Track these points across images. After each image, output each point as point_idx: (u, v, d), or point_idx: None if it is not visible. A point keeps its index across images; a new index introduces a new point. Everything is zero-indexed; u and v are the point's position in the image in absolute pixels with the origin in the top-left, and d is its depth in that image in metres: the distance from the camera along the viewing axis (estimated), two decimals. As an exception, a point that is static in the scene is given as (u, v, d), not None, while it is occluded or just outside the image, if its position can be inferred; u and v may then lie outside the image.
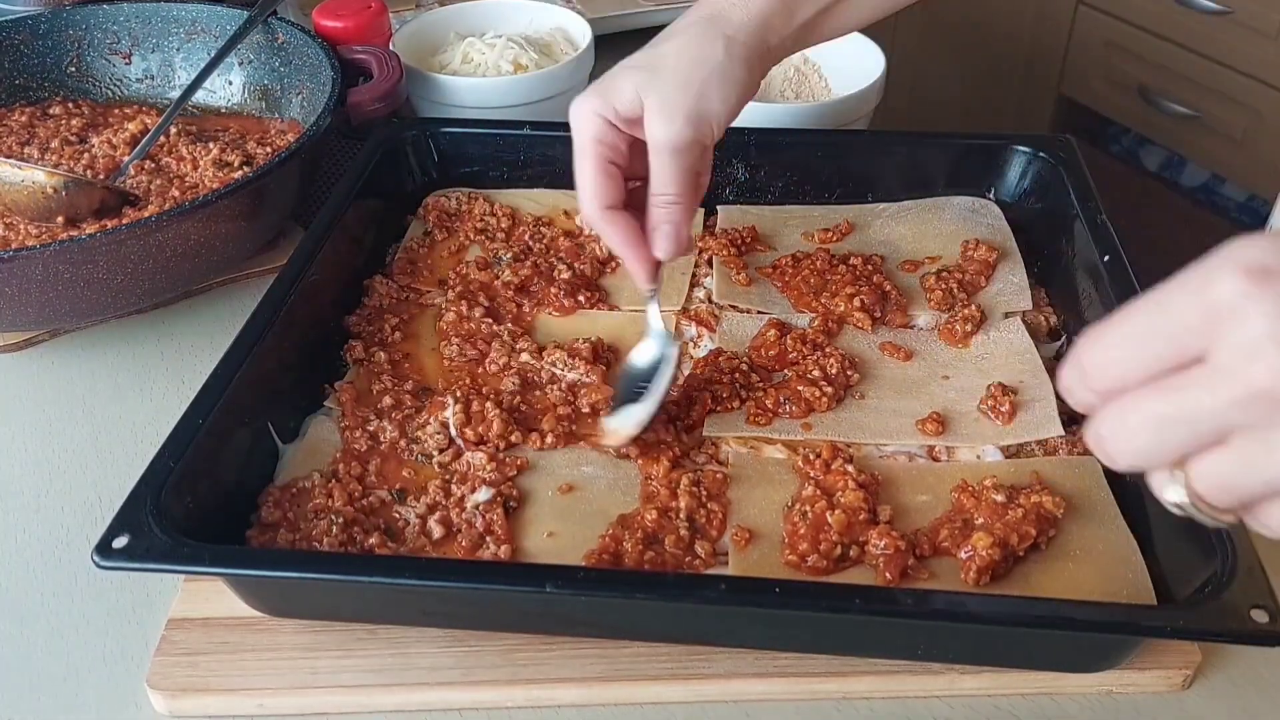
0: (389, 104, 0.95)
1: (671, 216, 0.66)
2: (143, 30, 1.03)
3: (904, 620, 0.55)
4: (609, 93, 0.65)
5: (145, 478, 0.58)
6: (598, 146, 0.66)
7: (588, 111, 0.66)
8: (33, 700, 0.61)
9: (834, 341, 0.76)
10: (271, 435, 0.68)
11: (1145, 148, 1.99)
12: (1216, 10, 1.68)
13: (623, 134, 0.66)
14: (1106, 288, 0.72)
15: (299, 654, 0.61)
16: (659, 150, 0.64)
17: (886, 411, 0.71)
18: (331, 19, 1.02)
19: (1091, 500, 0.64)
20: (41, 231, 0.84)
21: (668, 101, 0.63)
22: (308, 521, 0.63)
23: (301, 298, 0.73)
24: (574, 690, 0.59)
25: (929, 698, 0.59)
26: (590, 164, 0.66)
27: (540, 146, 0.91)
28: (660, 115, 0.63)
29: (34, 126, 0.98)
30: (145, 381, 0.81)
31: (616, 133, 0.66)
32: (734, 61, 0.65)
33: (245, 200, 0.80)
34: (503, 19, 1.12)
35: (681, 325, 0.79)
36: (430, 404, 0.70)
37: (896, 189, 0.89)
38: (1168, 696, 0.60)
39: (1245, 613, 0.51)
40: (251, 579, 0.59)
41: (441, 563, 0.61)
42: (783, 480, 0.67)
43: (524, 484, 0.66)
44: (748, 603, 0.55)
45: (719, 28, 0.66)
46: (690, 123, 0.63)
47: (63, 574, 0.67)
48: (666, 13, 1.24)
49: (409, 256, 0.85)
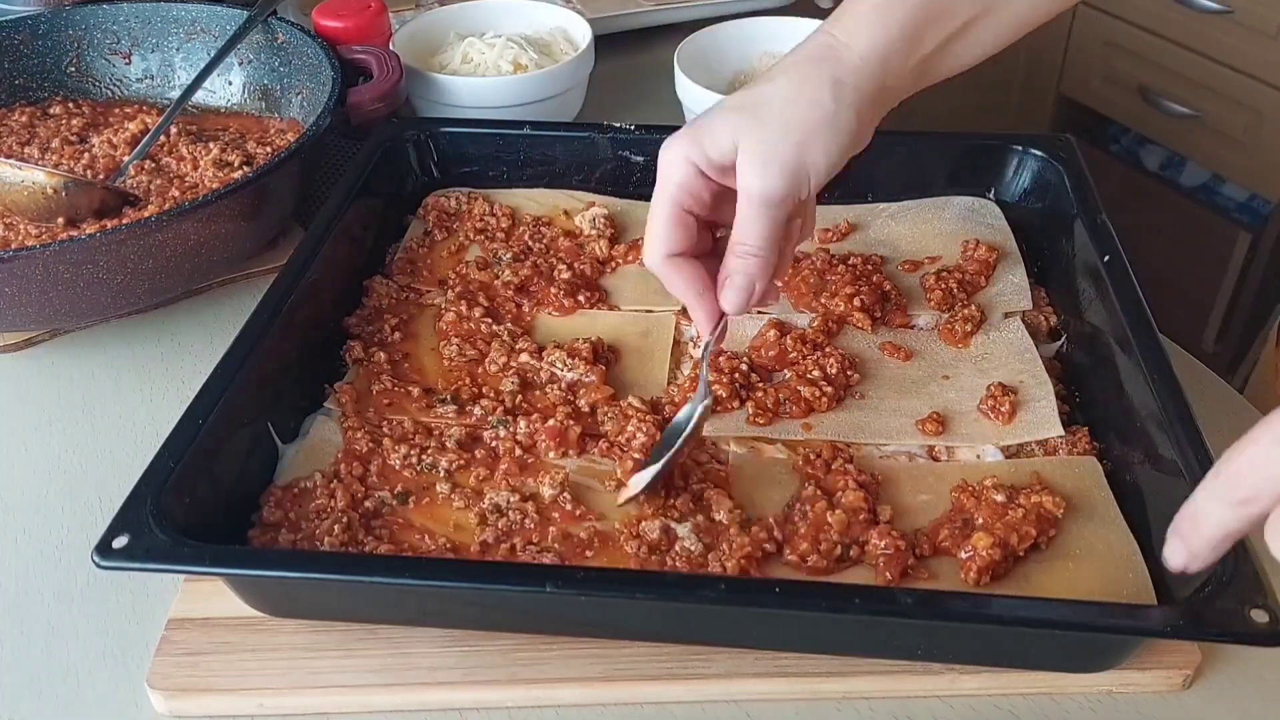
0: (389, 104, 0.95)
1: (746, 268, 0.62)
2: (143, 30, 1.03)
3: (904, 620, 0.55)
4: (704, 137, 0.61)
5: (145, 478, 0.58)
6: (679, 193, 0.62)
7: (678, 157, 0.62)
8: (33, 700, 0.61)
9: (834, 341, 0.76)
10: (271, 435, 0.68)
11: (1145, 147, 1.99)
12: (1216, 10, 1.68)
13: (710, 182, 0.62)
14: (1106, 288, 0.71)
15: (299, 654, 0.61)
16: (750, 201, 0.60)
17: (886, 411, 0.71)
18: (331, 19, 1.02)
19: (1091, 500, 0.64)
20: (41, 232, 0.84)
21: (765, 150, 0.59)
22: (309, 521, 0.63)
23: (301, 298, 0.73)
24: (574, 690, 0.59)
25: (929, 698, 0.59)
26: (666, 211, 0.62)
27: (540, 146, 0.91)
28: (755, 165, 0.59)
29: (34, 126, 0.98)
30: (145, 381, 0.81)
31: (703, 181, 0.62)
32: (843, 109, 0.60)
33: (245, 200, 0.80)
34: (503, 19, 1.12)
35: (682, 325, 0.79)
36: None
37: (896, 189, 0.89)
38: (1168, 696, 0.60)
39: (1245, 613, 0.51)
40: (251, 579, 0.59)
41: (442, 563, 0.61)
42: (783, 480, 0.67)
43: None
44: (748, 603, 0.55)
45: (829, 70, 0.60)
46: (786, 175, 0.59)
47: (63, 574, 0.67)
48: (666, 13, 1.24)
49: (409, 256, 0.85)
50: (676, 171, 0.62)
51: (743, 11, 1.17)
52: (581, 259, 0.84)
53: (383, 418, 0.71)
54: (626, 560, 0.61)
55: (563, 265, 0.83)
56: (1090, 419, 0.71)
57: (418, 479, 0.67)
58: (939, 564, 0.61)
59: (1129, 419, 0.66)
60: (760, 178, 0.59)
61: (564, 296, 0.80)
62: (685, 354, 0.77)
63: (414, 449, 0.68)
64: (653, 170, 0.89)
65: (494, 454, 0.68)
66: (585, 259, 0.84)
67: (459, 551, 0.62)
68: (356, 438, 0.69)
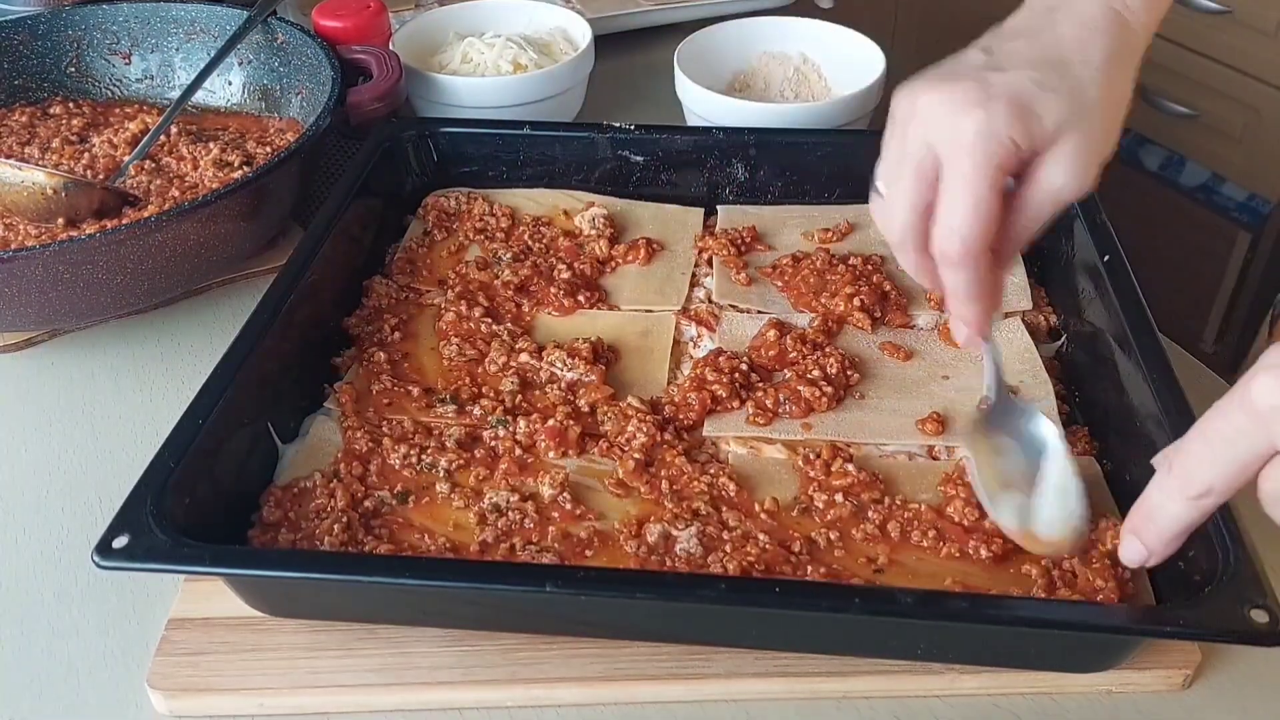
0: (388, 104, 0.95)
1: (1009, 266, 0.58)
2: (142, 30, 1.03)
3: (904, 620, 0.55)
4: (1030, 118, 0.52)
5: (145, 478, 0.58)
6: (998, 174, 0.52)
7: (998, 131, 0.52)
8: (33, 700, 0.61)
9: (834, 341, 0.76)
10: (271, 435, 0.68)
11: (1145, 147, 1.99)
12: (1216, 10, 1.68)
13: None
14: (1106, 288, 0.71)
15: (299, 654, 0.61)
16: (1052, 199, 0.54)
17: (886, 411, 0.71)
18: (331, 19, 1.02)
19: (1091, 500, 0.64)
20: (41, 232, 0.84)
21: (1092, 148, 0.53)
22: (309, 521, 0.63)
23: (301, 298, 0.73)
24: (574, 690, 0.59)
25: (929, 698, 0.59)
26: (990, 192, 0.52)
27: (540, 146, 0.91)
28: (1079, 165, 0.53)
29: (34, 126, 0.98)
30: (145, 381, 0.81)
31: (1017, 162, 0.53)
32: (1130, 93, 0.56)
33: (245, 200, 0.80)
34: (502, 19, 1.12)
35: (682, 325, 0.79)
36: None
37: (896, 189, 0.89)
38: (1168, 696, 0.60)
39: (1245, 613, 0.51)
40: (251, 579, 0.59)
41: (441, 563, 0.61)
42: (783, 480, 0.67)
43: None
44: (748, 603, 0.55)
45: (1130, 56, 0.55)
46: (1095, 175, 0.54)
47: (63, 574, 0.67)
48: (666, 12, 1.24)
49: (408, 256, 0.85)
50: (998, 148, 0.52)
51: (743, 11, 1.17)
52: (581, 259, 0.84)
53: (382, 418, 0.71)
54: (626, 560, 0.62)
55: (562, 265, 0.83)
56: (1090, 419, 0.71)
57: (417, 479, 0.67)
58: (939, 564, 0.61)
59: (1129, 419, 0.66)
60: (1080, 180, 0.54)
61: (564, 296, 0.80)
62: (685, 354, 0.77)
63: (414, 449, 0.68)
64: (652, 170, 0.90)
65: (494, 454, 0.68)
66: (585, 259, 0.84)
67: (459, 551, 0.62)
68: (356, 437, 0.69)
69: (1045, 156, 0.54)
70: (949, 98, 0.53)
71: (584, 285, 0.82)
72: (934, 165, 0.54)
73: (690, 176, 0.90)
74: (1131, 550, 0.51)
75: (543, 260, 0.84)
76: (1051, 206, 0.55)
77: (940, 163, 0.54)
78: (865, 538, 0.63)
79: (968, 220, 0.53)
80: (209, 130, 0.99)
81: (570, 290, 0.80)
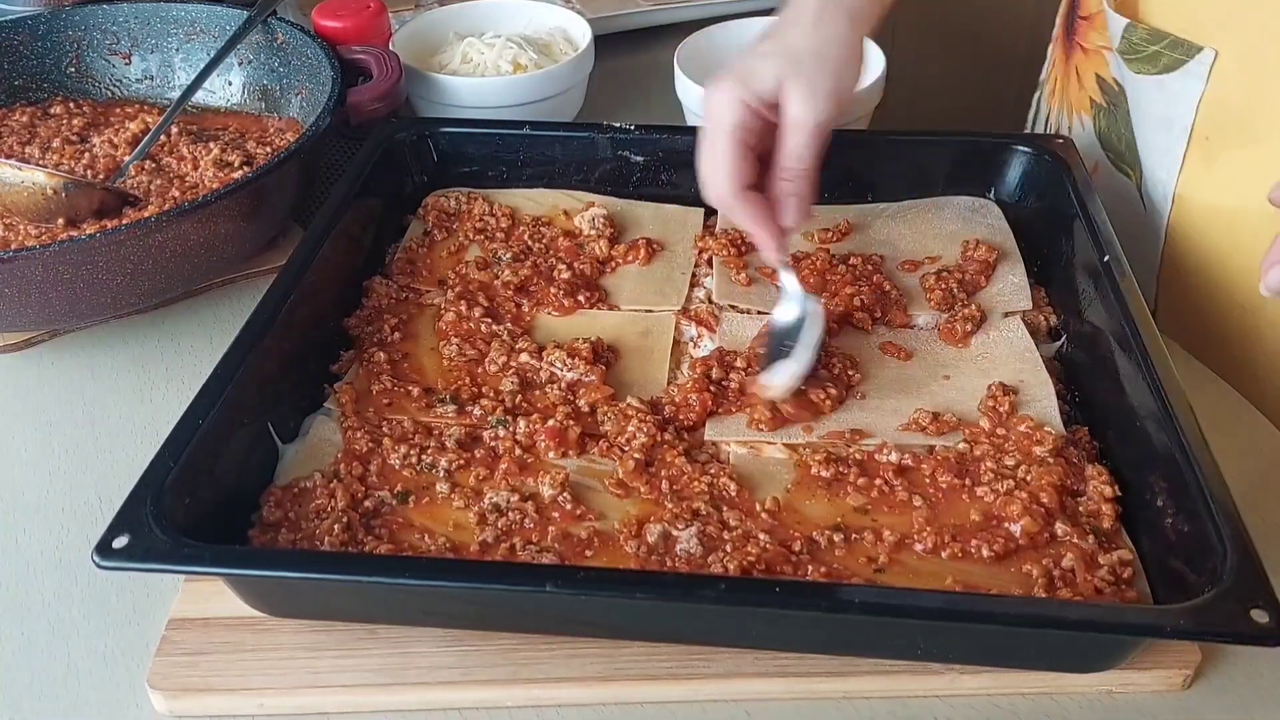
0: (388, 104, 0.95)
1: (798, 189, 0.70)
2: (142, 31, 1.03)
3: (904, 620, 0.55)
4: (750, 79, 0.68)
5: (145, 478, 0.58)
6: (738, 131, 0.69)
7: (730, 98, 0.69)
8: (33, 700, 0.61)
9: (834, 341, 0.76)
10: (271, 435, 0.68)
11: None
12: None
13: (759, 117, 0.69)
14: (1106, 288, 0.71)
15: (299, 654, 0.61)
16: (800, 129, 0.68)
17: (887, 411, 0.71)
18: (331, 19, 1.02)
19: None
20: (41, 232, 0.84)
21: (811, 84, 0.67)
22: (309, 521, 0.63)
23: (301, 298, 0.73)
24: (574, 690, 0.60)
25: (929, 698, 0.59)
26: (731, 147, 0.69)
27: (540, 146, 0.91)
28: (805, 97, 0.67)
29: (35, 126, 0.98)
30: (145, 381, 0.81)
31: (755, 117, 0.69)
32: (858, 37, 0.71)
33: (245, 200, 0.80)
34: (502, 19, 1.12)
35: (682, 325, 0.79)
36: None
37: (897, 189, 0.89)
38: (1168, 696, 0.60)
39: (1245, 613, 0.51)
40: (252, 579, 0.59)
41: (441, 563, 0.61)
42: (783, 480, 0.67)
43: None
44: (748, 603, 0.55)
45: (841, 5, 0.70)
46: (831, 102, 0.68)
47: (63, 574, 0.67)
48: (666, 12, 1.24)
49: (408, 256, 0.85)
50: (732, 111, 0.69)
51: (743, 11, 1.17)
52: (581, 259, 0.84)
53: (382, 418, 0.71)
54: (627, 560, 0.61)
55: (562, 265, 0.83)
56: (1090, 419, 0.71)
57: (417, 479, 0.67)
58: (939, 564, 0.61)
59: (1129, 419, 0.66)
60: (811, 109, 0.67)
61: (564, 296, 0.80)
62: (685, 354, 0.77)
63: (414, 449, 0.68)
64: (652, 170, 0.90)
65: (494, 454, 0.68)
66: (585, 259, 0.84)
67: (459, 551, 0.62)
68: (356, 438, 0.69)
69: (781, 100, 0.68)
70: (708, 90, 0.71)
71: (584, 285, 0.82)
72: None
73: (690, 176, 0.89)
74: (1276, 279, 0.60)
75: (543, 260, 0.84)
76: (801, 133, 0.68)
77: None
78: (865, 538, 0.63)
79: (711, 169, 0.70)
80: (209, 130, 0.99)
81: (570, 290, 0.80)
